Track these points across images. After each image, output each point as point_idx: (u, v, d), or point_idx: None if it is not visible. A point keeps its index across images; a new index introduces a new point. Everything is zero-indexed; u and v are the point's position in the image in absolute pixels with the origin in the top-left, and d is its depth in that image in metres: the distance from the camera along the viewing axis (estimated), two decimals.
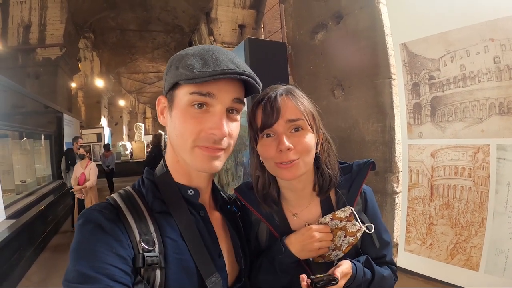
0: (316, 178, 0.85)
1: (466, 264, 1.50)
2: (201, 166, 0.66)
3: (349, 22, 2.34)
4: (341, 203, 0.84)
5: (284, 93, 0.79)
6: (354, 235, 0.79)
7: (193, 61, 0.62)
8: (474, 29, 1.44)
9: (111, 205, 0.64)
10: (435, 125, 1.66)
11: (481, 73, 1.44)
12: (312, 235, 0.77)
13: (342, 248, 0.80)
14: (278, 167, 0.77)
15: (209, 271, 0.65)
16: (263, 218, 0.86)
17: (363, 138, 2.20)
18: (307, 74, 2.86)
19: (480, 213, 1.46)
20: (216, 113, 0.64)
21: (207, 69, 0.60)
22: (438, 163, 1.65)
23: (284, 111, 0.76)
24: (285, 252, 0.79)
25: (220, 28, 8.80)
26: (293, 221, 0.86)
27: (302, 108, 0.78)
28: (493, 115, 1.42)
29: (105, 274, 0.53)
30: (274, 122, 0.75)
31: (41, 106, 6.51)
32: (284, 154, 0.74)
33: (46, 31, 7.83)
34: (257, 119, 0.79)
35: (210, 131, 0.63)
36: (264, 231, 0.88)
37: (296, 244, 0.79)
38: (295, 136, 0.76)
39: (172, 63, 0.67)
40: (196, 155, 0.65)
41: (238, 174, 2.55)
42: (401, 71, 1.83)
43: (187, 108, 0.64)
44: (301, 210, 0.87)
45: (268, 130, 0.77)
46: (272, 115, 0.75)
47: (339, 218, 0.80)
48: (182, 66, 0.63)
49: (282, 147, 0.74)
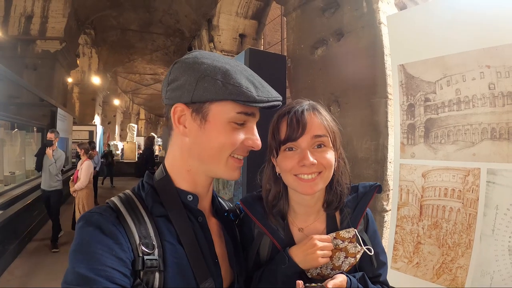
0: (327, 195, 0.86)
1: (452, 283, 1.52)
2: (232, 175, 0.72)
3: (350, 40, 2.39)
4: (345, 222, 0.86)
5: (310, 109, 0.81)
6: (354, 256, 0.81)
7: (242, 80, 0.65)
8: (472, 55, 1.49)
9: (111, 208, 0.64)
10: (427, 146, 1.70)
11: (475, 98, 1.48)
12: (314, 244, 0.78)
13: (342, 268, 0.81)
14: (299, 181, 0.78)
15: (204, 276, 0.65)
16: (267, 232, 0.87)
17: (356, 155, 2.23)
18: (304, 88, 2.90)
19: (468, 235, 1.49)
20: (252, 128, 0.71)
21: (262, 94, 0.66)
22: (429, 184, 1.68)
23: (309, 126, 0.77)
24: (289, 262, 0.79)
25: (221, 36, 8.88)
26: (298, 236, 0.87)
27: (327, 125, 0.80)
28: (485, 140, 1.46)
29: (104, 276, 0.53)
30: (299, 136, 0.77)
31: (37, 99, 6.45)
32: (306, 168, 0.76)
33: (48, 24, 7.81)
34: (281, 131, 0.80)
35: (250, 142, 0.70)
36: (266, 245, 0.88)
37: (299, 254, 0.79)
38: (318, 152, 0.78)
39: (206, 73, 0.65)
40: (230, 165, 0.70)
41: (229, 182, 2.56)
42: (398, 92, 1.87)
43: (229, 124, 0.67)
44: (307, 225, 0.88)
45: (292, 144, 0.78)
46: (298, 130, 0.77)
47: (342, 238, 0.81)
48: (232, 84, 0.63)
49: (306, 162, 0.75)
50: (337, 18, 2.55)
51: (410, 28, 1.78)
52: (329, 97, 2.57)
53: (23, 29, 7.69)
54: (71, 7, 8.08)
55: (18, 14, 7.68)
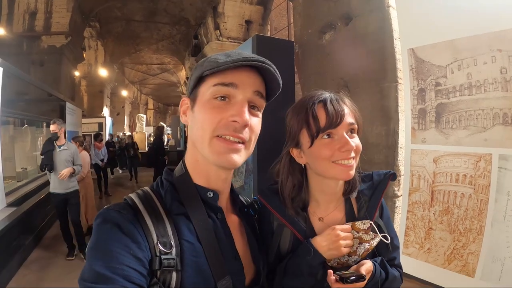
0: (347, 182, 0.89)
1: (463, 270, 1.52)
2: (218, 159, 0.65)
3: (358, 24, 2.34)
4: (362, 211, 0.88)
5: (339, 98, 0.85)
6: (369, 242, 0.83)
7: (217, 55, 0.66)
8: (483, 39, 1.45)
9: (129, 206, 0.64)
10: (439, 132, 1.68)
11: (487, 82, 1.45)
12: (337, 234, 0.80)
13: (358, 253, 0.83)
14: (338, 166, 0.80)
15: (221, 274, 0.65)
16: (287, 223, 0.88)
17: (367, 141, 2.21)
18: (313, 73, 2.87)
19: (479, 221, 1.48)
20: (237, 102, 0.65)
21: (231, 59, 0.63)
22: (440, 169, 1.67)
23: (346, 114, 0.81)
24: (314, 252, 0.81)
25: (227, 23, 8.78)
26: (318, 226, 0.88)
27: (356, 113, 0.84)
28: (496, 125, 1.43)
29: (121, 275, 0.53)
30: (340, 123, 0.80)
31: (45, 94, 6.48)
32: (347, 153, 0.79)
33: (52, 19, 7.82)
34: (320, 119, 0.81)
35: (231, 118, 0.64)
36: (287, 237, 0.89)
37: (323, 244, 0.81)
38: (351, 138, 0.81)
39: (198, 64, 0.70)
40: (214, 146, 0.65)
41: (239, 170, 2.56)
42: (408, 76, 1.84)
43: (209, 101, 0.66)
44: (327, 214, 0.89)
45: (332, 131, 0.80)
46: (337, 116, 0.79)
47: (357, 229, 0.83)
48: (207, 61, 0.66)
49: (349, 147, 0.78)
50: (344, 2, 2.49)
51: (419, 11, 1.73)
52: (338, 82, 2.54)
53: (28, 26, 7.72)
54: (75, 1, 8.05)
55: (22, 11, 7.70)
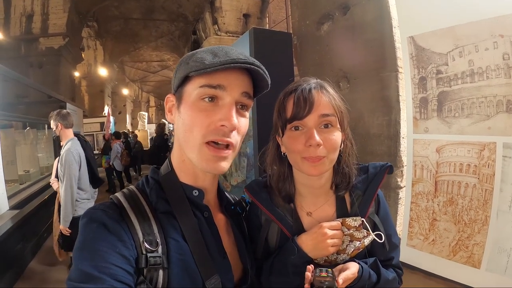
0: (335, 176, 0.83)
1: (468, 261, 1.50)
2: (207, 166, 0.65)
3: (356, 13, 2.29)
4: (355, 206, 0.82)
5: (318, 87, 0.77)
6: (360, 240, 0.78)
7: (204, 54, 0.63)
8: (484, 24, 1.40)
9: (114, 205, 0.64)
10: (441, 120, 1.64)
11: (489, 69, 1.41)
12: (324, 233, 0.76)
13: (348, 251, 0.79)
14: (305, 161, 0.75)
15: (209, 273, 0.64)
16: (274, 218, 0.84)
17: (368, 132, 2.18)
18: (312, 65, 2.83)
19: (484, 211, 1.45)
20: (225, 105, 0.64)
21: (218, 59, 0.61)
22: (443, 159, 1.64)
23: (317, 105, 0.74)
24: (298, 252, 0.77)
25: (225, 17, 8.71)
26: (307, 221, 0.84)
27: (335, 104, 0.76)
28: (500, 113, 1.39)
29: (108, 274, 0.53)
30: (306, 115, 0.74)
31: (44, 96, 6.51)
32: (313, 149, 0.73)
33: (49, 21, 7.83)
34: (288, 109, 0.77)
35: (220, 123, 0.63)
36: (274, 232, 0.86)
37: (308, 243, 0.77)
38: (324, 132, 0.75)
39: (183, 60, 0.67)
40: (203, 154, 0.64)
41: (241, 164, 2.55)
42: (408, 65, 1.80)
43: (197, 102, 0.64)
44: (316, 209, 0.85)
45: (298, 123, 0.75)
46: (305, 108, 0.74)
47: (348, 226, 0.79)
48: (193, 60, 0.63)
49: (312, 142, 0.72)
50: None
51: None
52: (337, 73, 2.50)
53: (25, 29, 7.75)
54: (71, 2, 8.04)
55: (18, 14, 7.73)
